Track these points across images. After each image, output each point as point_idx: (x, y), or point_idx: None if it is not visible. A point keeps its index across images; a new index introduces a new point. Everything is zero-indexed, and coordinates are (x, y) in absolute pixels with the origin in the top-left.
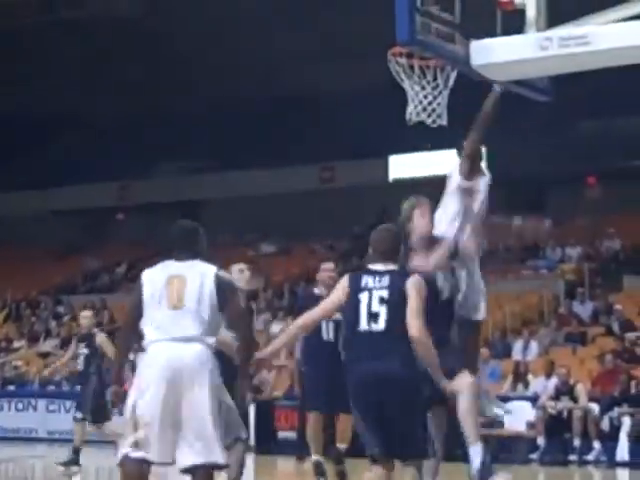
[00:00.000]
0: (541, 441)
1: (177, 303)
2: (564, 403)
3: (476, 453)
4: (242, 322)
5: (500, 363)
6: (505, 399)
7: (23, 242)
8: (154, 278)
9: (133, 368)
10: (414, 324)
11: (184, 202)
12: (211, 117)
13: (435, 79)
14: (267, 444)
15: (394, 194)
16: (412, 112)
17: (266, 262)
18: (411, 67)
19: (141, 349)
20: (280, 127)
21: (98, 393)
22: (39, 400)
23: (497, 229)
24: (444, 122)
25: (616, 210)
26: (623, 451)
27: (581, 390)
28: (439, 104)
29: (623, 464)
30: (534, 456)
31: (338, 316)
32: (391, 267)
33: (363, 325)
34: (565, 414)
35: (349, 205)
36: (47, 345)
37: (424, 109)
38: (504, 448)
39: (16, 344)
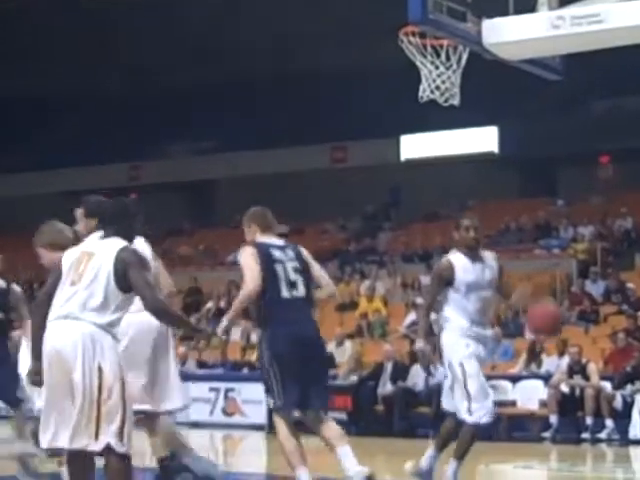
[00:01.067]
0: (554, 419)
1: (76, 279)
2: (576, 381)
3: None
4: (148, 291)
5: (513, 342)
6: (518, 378)
7: (35, 223)
8: (70, 255)
9: None
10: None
11: (195, 182)
12: (223, 97)
13: (448, 58)
14: None
15: (406, 174)
16: (425, 90)
17: None
18: (424, 46)
19: None
20: (292, 107)
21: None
22: None
23: (509, 208)
24: (456, 102)
25: (628, 189)
26: (636, 429)
27: (593, 369)
28: (452, 83)
29: (636, 442)
30: (547, 434)
31: None
32: (282, 241)
33: (284, 293)
34: (578, 392)
35: (361, 185)
36: None
37: (437, 88)
38: (517, 427)
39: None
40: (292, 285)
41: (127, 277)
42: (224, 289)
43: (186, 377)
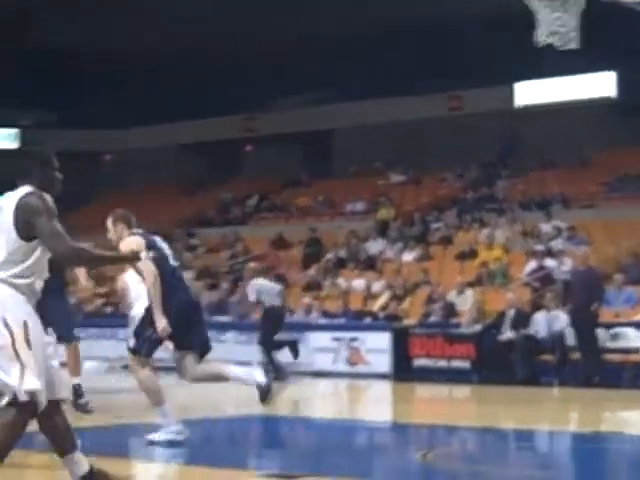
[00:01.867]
0: None
1: None
2: None
3: None
4: (55, 241)
5: (636, 289)
6: None
7: (155, 176)
8: None
9: None
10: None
11: (312, 132)
12: (338, 46)
13: (566, 1)
14: (403, 371)
15: (523, 121)
16: (542, 35)
17: (396, 191)
18: None
19: None
20: (408, 55)
21: None
22: None
23: (628, 155)
24: (574, 46)
25: None
26: None
27: None
28: (570, 27)
29: None
30: None
31: None
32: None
33: (172, 262)
34: None
35: (477, 133)
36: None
37: (554, 32)
38: None
39: None
40: (173, 257)
41: (31, 225)
42: (343, 239)
43: (310, 327)
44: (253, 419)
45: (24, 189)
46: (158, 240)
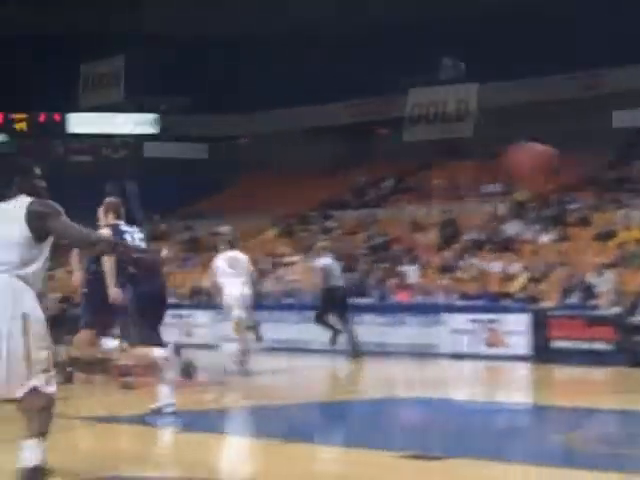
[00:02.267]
0: None
1: None
2: None
3: None
4: (71, 232)
5: None
6: None
7: (290, 159)
8: None
9: None
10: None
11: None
12: (477, 26)
13: None
14: (542, 353)
15: None
16: None
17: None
18: None
19: None
20: (546, 35)
21: None
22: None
23: None
24: None
25: None
26: None
27: None
28: None
29: None
30: None
31: None
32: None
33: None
34: None
35: (613, 112)
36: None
37: None
38: None
39: (288, 259)
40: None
41: (46, 227)
42: (479, 221)
43: (448, 309)
44: (392, 401)
45: (25, 199)
46: (130, 233)
